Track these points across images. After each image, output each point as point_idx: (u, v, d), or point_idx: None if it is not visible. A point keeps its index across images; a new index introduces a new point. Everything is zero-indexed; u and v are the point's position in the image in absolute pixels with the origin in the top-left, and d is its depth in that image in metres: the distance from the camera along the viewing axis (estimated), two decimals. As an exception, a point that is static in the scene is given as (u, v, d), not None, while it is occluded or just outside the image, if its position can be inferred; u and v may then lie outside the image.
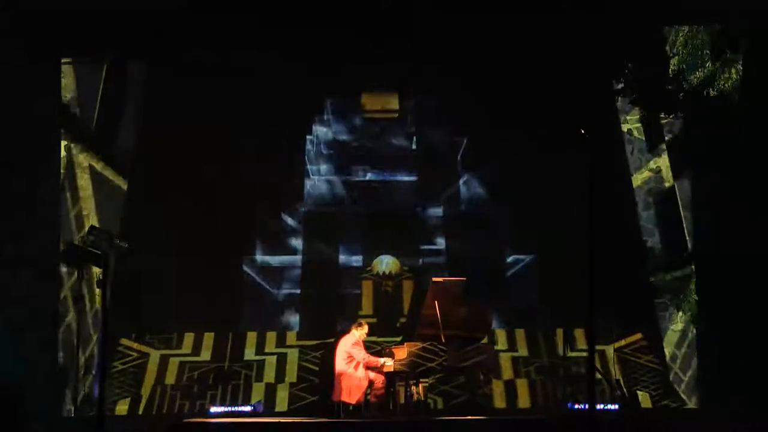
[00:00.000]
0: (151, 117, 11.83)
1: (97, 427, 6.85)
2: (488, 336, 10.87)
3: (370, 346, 10.49)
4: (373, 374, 9.95)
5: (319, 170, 12.28)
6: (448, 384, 11.07)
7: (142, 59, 11.81)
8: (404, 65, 11.67)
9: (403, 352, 9.70)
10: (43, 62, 11.01)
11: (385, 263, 11.95)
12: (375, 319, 11.49)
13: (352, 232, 12.10)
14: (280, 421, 9.33)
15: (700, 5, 10.92)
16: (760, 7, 10.68)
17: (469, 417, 9.43)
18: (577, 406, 10.45)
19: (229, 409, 10.77)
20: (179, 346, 11.58)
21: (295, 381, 11.36)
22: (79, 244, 10.44)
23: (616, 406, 10.77)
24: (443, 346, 9.64)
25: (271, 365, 11.49)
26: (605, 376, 11.24)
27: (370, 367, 9.92)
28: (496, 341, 11.51)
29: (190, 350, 11.56)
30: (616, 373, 11.37)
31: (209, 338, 11.62)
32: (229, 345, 11.58)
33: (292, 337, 11.71)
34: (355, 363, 9.91)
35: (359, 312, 11.62)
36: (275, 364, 11.50)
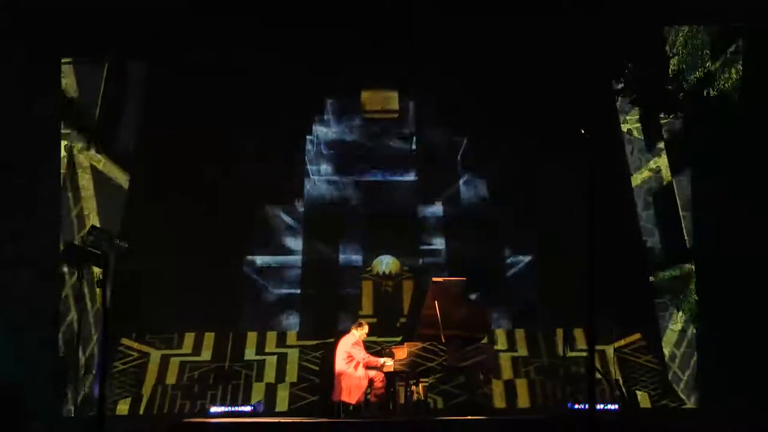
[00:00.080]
0: (151, 117, 11.83)
1: (97, 427, 6.85)
2: (488, 336, 10.86)
3: (370, 346, 10.49)
4: (373, 374, 9.94)
5: (319, 170, 12.28)
6: (448, 384, 11.07)
7: (142, 59, 11.81)
8: (404, 65, 11.66)
9: (403, 352, 9.71)
10: (43, 62, 11.00)
11: (385, 263, 11.95)
12: (375, 319, 11.50)
13: (352, 232, 12.10)
14: (280, 421, 9.32)
15: (700, 5, 10.92)
16: (760, 7, 10.68)
17: (469, 417, 9.42)
18: (577, 406, 10.45)
19: (229, 409, 10.77)
20: (180, 346, 11.58)
21: (296, 381, 11.37)
22: (79, 244, 10.45)
23: (616, 406, 10.77)
24: (443, 346, 9.65)
25: (271, 365, 11.50)
26: (605, 376, 11.24)
27: (370, 367, 9.92)
28: (495, 341, 11.51)
29: (190, 350, 11.56)
30: (615, 373, 11.37)
31: (210, 338, 11.63)
32: (230, 345, 11.58)
33: (292, 337, 11.72)
34: (355, 363, 9.91)
35: (359, 312, 11.62)
36: (275, 364, 11.50)
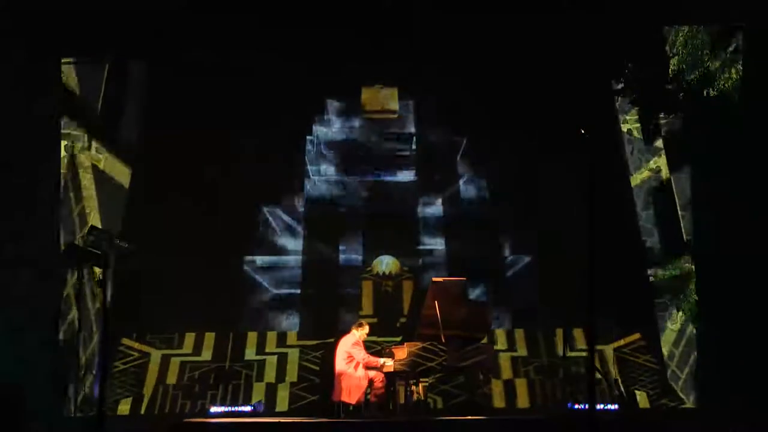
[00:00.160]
0: (151, 117, 11.84)
1: (97, 427, 6.86)
2: (488, 336, 10.86)
3: (370, 346, 10.49)
4: (373, 374, 9.94)
5: (319, 170, 12.28)
6: (448, 383, 11.07)
7: (142, 59, 11.81)
8: (404, 65, 11.66)
9: (403, 352, 9.71)
10: (43, 62, 11.00)
11: (385, 263, 11.95)
12: (375, 319, 11.49)
13: (352, 232, 12.10)
14: (280, 421, 9.33)
15: (700, 5, 10.92)
16: (760, 7, 10.68)
17: (469, 417, 9.43)
18: (576, 406, 10.45)
19: (230, 409, 10.77)
20: (180, 346, 11.58)
21: (296, 381, 11.38)
22: (80, 244, 10.45)
23: (616, 406, 10.78)
24: (443, 346, 9.65)
25: (271, 365, 11.50)
26: (604, 375, 11.25)
27: (370, 367, 9.92)
28: (495, 341, 11.51)
29: (191, 350, 11.56)
30: (614, 372, 11.38)
31: (210, 338, 11.63)
32: (230, 345, 11.58)
33: (292, 337, 11.72)
34: (355, 363, 9.91)
35: (359, 312, 11.62)
36: (276, 364, 11.51)
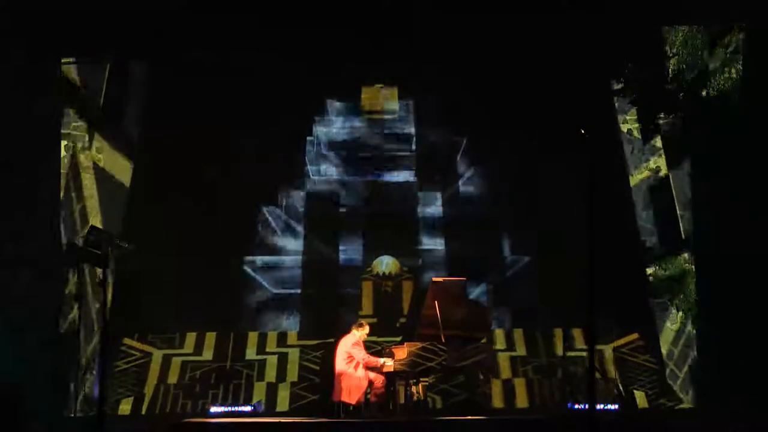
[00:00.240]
0: (151, 117, 11.84)
1: (97, 427, 6.86)
2: (487, 335, 10.86)
3: (370, 346, 10.49)
4: (373, 374, 9.95)
5: (319, 170, 12.28)
6: (448, 383, 11.07)
7: (141, 59, 11.81)
8: (404, 65, 11.66)
9: (403, 352, 9.71)
10: (43, 62, 11.01)
11: (385, 263, 11.95)
12: (375, 319, 11.49)
13: (352, 232, 12.10)
14: (280, 421, 9.33)
15: (700, 5, 10.92)
16: (760, 7, 10.68)
17: (470, 417, 9.43)
18: (576, 406, 10.45)
19: (230, 409, 10.77)
20: (181, 346, 11.58)
21: (296, 380, 11.38)
22: (80, 244, 10.44)
23: (616, 406, 10.78)
24: (443, 346, 9.65)
25: (272, 365, 11.50)
26: (604, 375, 11.25)
27: (370, 367, 9.92)
28: (494, 341, 11.51)
29: (192, 350, 11.56)
30: (613, 372, 11.38)
31: (211, 338, 11.63)
32: (231, 345, 11.59)
33: (292, 337, 11.72)
34: (355, 363, 9.91)
35: (359, 312, 11.62)
36: (276, 364, 11.51)
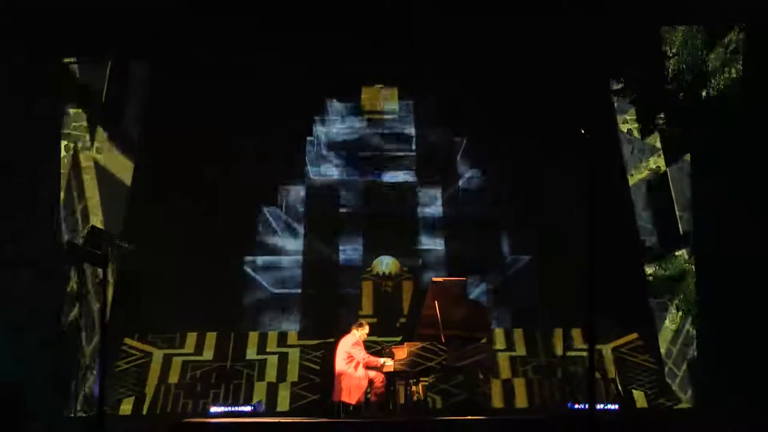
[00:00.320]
0: (151, 117, 11.84)
1: (97, 427, 6.85)
2: (487, 335, 10.86)
3: (370, 346, 10.49)
4: (373, 374, 9.94)
5: (319, 170, 12.28)
6: (448, 383, 11.07)
7: (141, 59, 11.81)
8: (404, 65, 11.67)
9: (403, 352, 9.71)
10: (43, 62, 11.01)
11: (385, 263, 11.95)
12: (375, 319, 11.49)
13: (352, 232, 12.11)
14: (280, 421, 9.33)
15: (700, 5, 10.92)
16: (760, 7, 10.68)
17: (470, 417, 9.43)
18: (576, 406, 10.45)
19: (230, 408, 10.77)
20: (182, 346, 11.59)
21: (297, 380, 11.38)
22: (80, 244, 10.44)
23: (616, 406, 10.78)
24: (443, 346, 9.65)
25: (272, 365, 11.50)
26: (603, 375, 11.25)
27: (370, 367, 9.92)
28: (494, 341, 11.51)
29: (192, 350, 11.57)
30: (613, 372, 11.38)
31: (211, 338, 11.63)
32: (231, 344, 11.59)
33: (293, 337, 11.72)
34: (355, 363, 9.91)
35: (359, 312, 11.62)
36: (276, 364, 11.51)
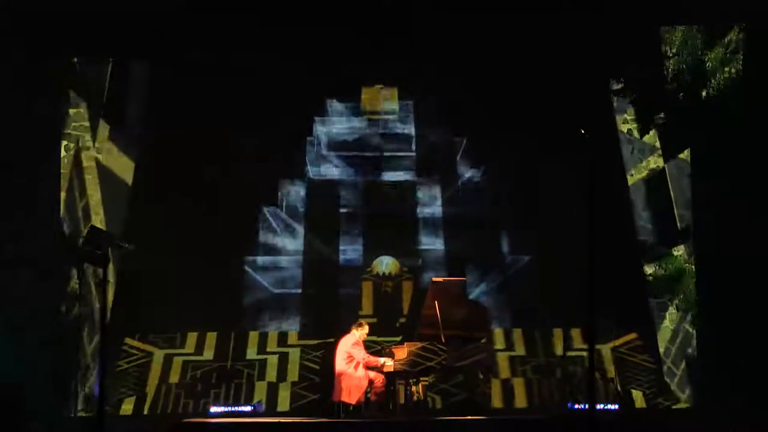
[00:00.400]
0: (151, 117, 11.84)
1: (97, 427, 6.85)
2: (487, 335, 10.86)
3: (370, 346, 10.50)
4: (373, 374, 9.95)
5: (319, 170, 12.29)
6: (448, 383, 11.07)
7: (141, 59, 11.81)
8: (404, 65, 11.67)
9: (403, 352, 9.72)
10: (43, 62, 11.00)
11: (385, 263, 11.95)
12: (375, 319, 11.50)
13: (352, 232, 12.11)
14: (280, 421, 9.34)
15: (700, 5, 10.92)
16: (760, 7, 10.68)
17: (470, 417, 9.43)
18: (576, 406, 10.45)
19: (230, 408, 10.77)
20: (182, 346, 11.59)
21: (297, 380, 11.39)
22: (80, 244, 10.44)
23: (616, 406, 10.77)
24: (443, 345, 9.65)
25: (272, 365, 11.51)
26: (603, 375, 11.26)
27: (370, 367, 9.93)
28: (494, 341, 11.51)
29: (193, 349, 11.57)
30: (612, 372, 11.38)
31: (212, 338, 11.64)
32: (232, 344, 11.60)
33: (293, 337, 11.73)
34: (355, 363, 9.91)
35: (359, 312, 11.63)
36: (277, 364, 11.52)
